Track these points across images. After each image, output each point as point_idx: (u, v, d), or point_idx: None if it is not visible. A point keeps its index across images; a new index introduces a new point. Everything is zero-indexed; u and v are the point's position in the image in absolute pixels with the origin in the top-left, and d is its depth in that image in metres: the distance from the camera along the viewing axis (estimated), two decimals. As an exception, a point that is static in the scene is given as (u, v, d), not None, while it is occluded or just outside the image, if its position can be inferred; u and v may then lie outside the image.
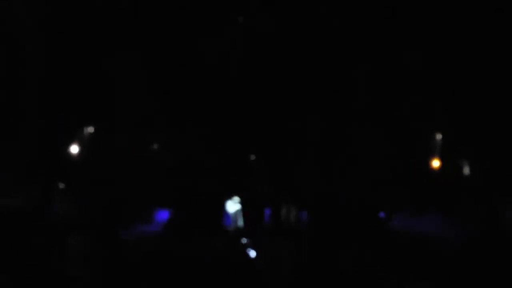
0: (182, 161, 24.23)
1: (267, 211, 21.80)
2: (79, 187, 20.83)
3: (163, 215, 21.49)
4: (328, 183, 22.35)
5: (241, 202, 20.58)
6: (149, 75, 24.03)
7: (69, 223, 19.31)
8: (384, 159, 24.34)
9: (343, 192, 22.16)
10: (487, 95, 20.72)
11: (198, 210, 21.20)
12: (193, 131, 24.59)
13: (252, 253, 9.04)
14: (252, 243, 11.18)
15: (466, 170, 23.34)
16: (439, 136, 24.63)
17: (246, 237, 16.14)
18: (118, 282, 6.31)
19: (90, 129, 23.73)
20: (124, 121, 23.98)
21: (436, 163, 24.68)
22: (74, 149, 22.94)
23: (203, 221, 20.33)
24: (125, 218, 20.64)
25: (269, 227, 21.77)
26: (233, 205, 20.89)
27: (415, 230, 18.82)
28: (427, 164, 24.75)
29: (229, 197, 21.02)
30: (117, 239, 9.77)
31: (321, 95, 24.21)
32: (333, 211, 21.12)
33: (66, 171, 20.98)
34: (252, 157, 25.29)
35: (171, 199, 21.50)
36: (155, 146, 25.02)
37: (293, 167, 23.89)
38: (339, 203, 21.38)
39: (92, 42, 22.34)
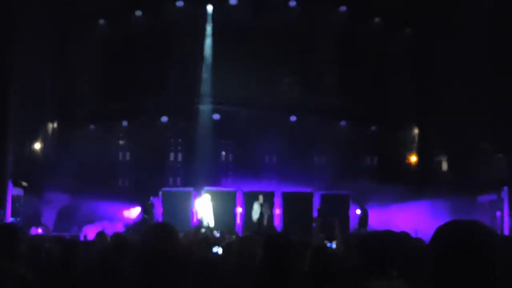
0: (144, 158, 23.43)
1: (242, 210, 21.33)
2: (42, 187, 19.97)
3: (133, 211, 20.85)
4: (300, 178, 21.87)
5: (211, 200, 19.88)
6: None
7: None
8: (361, 155, 23.96)
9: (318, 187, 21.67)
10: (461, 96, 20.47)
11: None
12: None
13: (218, 251, 8.33)
14: (220, 241, 10.44)
15: (444, 166, 22.95)
16: (416, 132, 24.24)
17: (214, 235, 15.41)
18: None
19: (54, 125, 22.84)
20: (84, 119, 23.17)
21: (413, 159, 24.31)
22: (37, 145, 22.06)
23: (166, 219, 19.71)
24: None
25: (242, 225, 21.22)
26: (203, 205, 20.13)
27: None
28: (405, 159, 24.37)
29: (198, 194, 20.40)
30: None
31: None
32: (305, 208, 20.68)
33: (27, 169, 20.07)
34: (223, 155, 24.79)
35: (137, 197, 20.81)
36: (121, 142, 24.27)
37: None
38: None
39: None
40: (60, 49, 21.83)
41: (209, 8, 23.37)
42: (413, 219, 18.12)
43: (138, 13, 22.96)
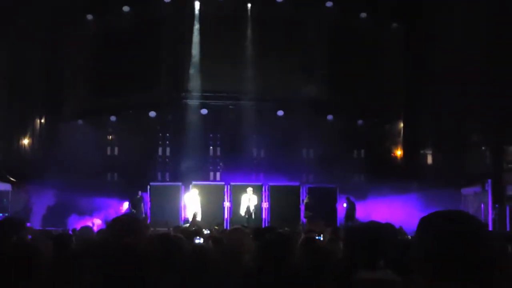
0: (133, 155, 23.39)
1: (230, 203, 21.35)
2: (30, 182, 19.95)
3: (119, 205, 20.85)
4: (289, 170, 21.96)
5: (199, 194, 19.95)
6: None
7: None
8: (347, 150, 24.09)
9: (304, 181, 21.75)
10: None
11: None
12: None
13: (204, 245, 8.41)
14: (208, 236, 10.56)
15: (430, 159, 23.18)
16: (402, 125, 24.43)
17: (203, 230, 15.49)
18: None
19: (42, 120, 22.81)
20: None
21: (399, 152, 24.51)
22: (25, 141, 22.04)
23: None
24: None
25: (231, 219, 21.26)
26: (191, 199, 20.20)
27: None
28: (391, 152, 24.57)
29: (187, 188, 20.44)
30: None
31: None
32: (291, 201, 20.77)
33: (16, 164, 20.04)
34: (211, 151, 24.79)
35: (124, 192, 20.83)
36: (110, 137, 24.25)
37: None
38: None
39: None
40: (48, 44, 21.81)
41: (197, 3, 23.44)
42: (399, 212, 18.30)
43: (126, 8, 23.01)
